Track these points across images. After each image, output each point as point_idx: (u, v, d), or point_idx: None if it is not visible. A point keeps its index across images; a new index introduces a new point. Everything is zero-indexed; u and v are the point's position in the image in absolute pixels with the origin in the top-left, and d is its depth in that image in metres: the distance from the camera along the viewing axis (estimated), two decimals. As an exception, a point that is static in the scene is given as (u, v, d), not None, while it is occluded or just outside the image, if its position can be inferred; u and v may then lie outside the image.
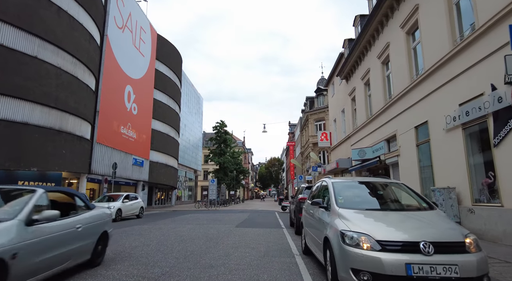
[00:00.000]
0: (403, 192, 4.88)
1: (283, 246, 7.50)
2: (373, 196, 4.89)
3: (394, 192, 4.95)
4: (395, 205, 4.68)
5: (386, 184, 5.14)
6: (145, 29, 31.02)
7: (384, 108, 14.13)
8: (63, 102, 17.56)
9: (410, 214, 4.14)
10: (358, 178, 5.62)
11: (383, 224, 3.78)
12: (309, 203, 6.24)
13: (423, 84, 10.63)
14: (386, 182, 5.20)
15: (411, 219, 3.94)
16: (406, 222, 3.81)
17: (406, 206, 4.58)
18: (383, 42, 14.36)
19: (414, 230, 3.54)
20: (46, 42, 16.46)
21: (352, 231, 3.62)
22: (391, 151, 13.91)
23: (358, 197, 4.79)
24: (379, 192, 5.00)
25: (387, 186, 5.11)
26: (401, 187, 4.99)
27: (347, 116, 20.83)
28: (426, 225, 3.72)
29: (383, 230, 3.60)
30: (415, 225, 3.71)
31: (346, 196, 4.69)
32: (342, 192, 4.78)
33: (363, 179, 5.47)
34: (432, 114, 10.00)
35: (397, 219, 3.91)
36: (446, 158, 9.20)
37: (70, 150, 18.27)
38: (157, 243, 7.95)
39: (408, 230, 3.56)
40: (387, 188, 5.08)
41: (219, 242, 7.99)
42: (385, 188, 5.08)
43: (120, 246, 7.39)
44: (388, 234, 3.49)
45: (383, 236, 3.45)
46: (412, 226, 3.70)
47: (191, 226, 12.15)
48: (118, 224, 14.14)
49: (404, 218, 3.98)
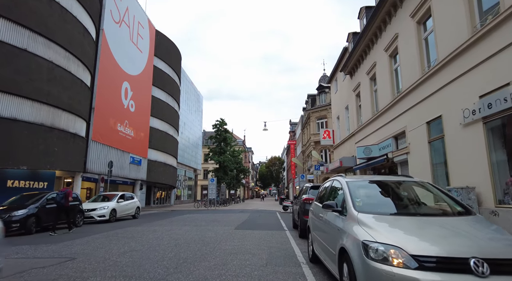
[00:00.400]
0: (431, 193, 4.14)
1: (287, 252, 6.77)
2: (397, 198, 4.16)
3: (420, 193, 4.21)
4: (424, 209, 3.94)
5: (409, 184, 4.40)
6: (143, 25, 30.26)
7: (392, 103, 13.39)
8: (55, 98, 16.81)
9: (447, 221, 3.40)
10: (375, 177, 4.86)
11: (415, 233, 3.05)
12: (318, 205, 5.53)
13: (436, 76, 9.88)
14: (409, 181, 4.45)
15: (449, 227, 3.19)
16: (444, 231, 3.08)
17: (437, 211, 3.84)
18: (391, 33, 13.61)
19: (457, 242, 2.80)
20: (36, 34, 15.69)
21: (377, 242, 2.89)
22: (400, 148, 13.16)
23: (378, 199, 4.07)
24: (403, 193, 4.27)
25: (410, 186, 4.36)
26: (427, 187, 4.25)
27: (351, 113, 20.08)
28: (471, 236, 2.98)
29: (418, 241, 2.86)
30: (457, 235, 2.97)
31: (364, 198, 3.97)
32: (359, 193, 4.06)
33: (381, 178, 4.73)
34: (447, 108, 9.26)
35: (432, 227, 3.17)
36: (464, 155, 8.47)
37: (63, 148, 17.53)
38: (148, 248, 7.23)
39: (450, 241, 2.82)
40: (411, 188, 4.34)
41: (216, 248, 7.26)
42: (409, 189, 4.34)
43: (107, 253, 6.67)
44: (425, 247, 2.75)
45: (419, 249, 2.72)
46: (454, 236, 2.96)
47: (188, 228, 11.43)
48: (111, 225, 13.45)
49: (440, 225, 3.23)
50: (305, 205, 8.78)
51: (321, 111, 35.15)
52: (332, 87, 26.27)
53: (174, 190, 40.59)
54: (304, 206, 8.82)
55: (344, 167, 20.38)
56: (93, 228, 12.04)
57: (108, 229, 11.66)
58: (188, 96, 47.26)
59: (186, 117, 45.40)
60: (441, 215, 3.68)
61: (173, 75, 36.43)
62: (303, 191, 10.48)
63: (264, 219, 16.17)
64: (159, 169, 32.56)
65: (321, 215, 4.82)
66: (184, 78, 43.72)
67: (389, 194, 4.20)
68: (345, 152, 21.18)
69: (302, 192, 10.29)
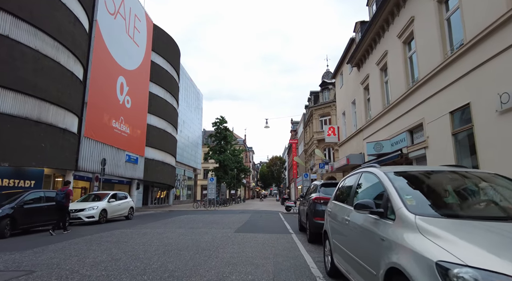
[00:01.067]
0: (506, 189, 2.97)
1: (297, 262, 5.60)
2: (465, 195, 2.99)
3: (493, 189, 3.03)
4: (507, 210, 2.76)
5: (476, 175, 3.22)
6: (140, 18, 29.11)
7: (406, 94, 12.23)
8: (42, 90, 15.63)
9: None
10: (421, 167, 3.65)
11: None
12: (338, 205, 4.37)
13: (463, 59, 8.70)
14: (472, 172, 3.28)
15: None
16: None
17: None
18: (405, 17, 12.45)
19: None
20: (20, 20, 14.48)
21: (467, 266, 1.74)
22: (415, 143, 12.00)
23: (437, 196, 2.89)
24: (470, 187, 3.08)
25: (478, 179, 3.18)
26: (499, 180, 3.08)
27: (359, 108, 18.91)
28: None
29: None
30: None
31: (416, 196, 2.80)
32: (407, 189, 2.89)
33: (432, 168, 3.56)
34: (478, 93, 8.08)
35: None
36: (501, 147, 7.29)
37: (51, 144, 16.36)
38: (131, 256, 6.07)
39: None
40: (479, 181, 3.15)
41: (212, 256, 6.10)
42: (477, 182, 3.15)
43: (78, 263, 5.51)
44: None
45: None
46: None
47: (182, 231, 10.27)
48: (100, 227, 12.30)
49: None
50: (316, 205, 7.61)
51: (324, 108, 33.96)
52: (337, 82, 25.09)
53: (173, 190, 39.40)
54: (314, 206, 7.64)
55: (351, 165, 19.20)
56: (78, 231, 10.89)
57: (93, 232, 10.51)
58: (187, 93, 46.09)
59: (185, 115, 44.23)
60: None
61: (171, 71, 35.26)
62: (311, 189, 9.29)
63: (266, 221, 15.01)
64: (157, 168, 31.40)
65: (347, 218, 3.66)
66: (183, 75, 42.55)
67: (452, 190, 3.02)
68: (352, 149, 20.02)
69: (311, 191, 9.10)
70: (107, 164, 21.79)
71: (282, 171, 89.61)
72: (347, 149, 21.61)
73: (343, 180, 4.90)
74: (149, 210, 28.09)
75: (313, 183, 9.59)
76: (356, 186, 3.94)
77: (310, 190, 9.45)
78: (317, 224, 7.44)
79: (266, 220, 15.50)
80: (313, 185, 9.39)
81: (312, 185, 9.59)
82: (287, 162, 76.79)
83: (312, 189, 9.08)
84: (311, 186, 9.87)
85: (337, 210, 4.38)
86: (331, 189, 8.01)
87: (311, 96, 38.99)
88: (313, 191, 8.70)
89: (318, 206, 7.54)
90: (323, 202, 7.52)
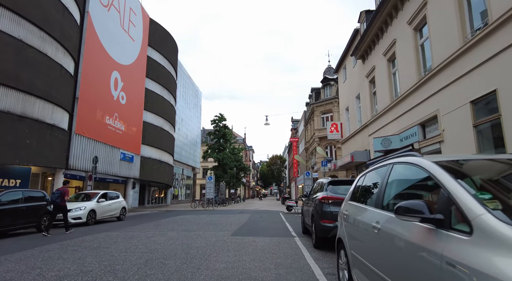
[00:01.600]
0: None
1: (303, 275, 4.64)
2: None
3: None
4: None
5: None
6: (136, 11, 28.10)
7: (418, 84, 11.26)
8: (26, 83, 14.64)
9: None
10: (481, 156, 2.63)
11: None
12: (358, 207, 3.42)
13: (487, 42, 7.73)
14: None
15: None
16: None
17: None
18: (416, 2, 11.48)
19: None
20: (2, 7, 13.50)
21: None
22: (428, 137, 11.03)
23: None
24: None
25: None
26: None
27: (364, 102, 17.94)
28: None
29: None
30: None
31: (497, 196, 1.83)
32: (477, 186, 1.93)
33: (495, 156, 2.60)
34: (506, 79, 7.12)
35: None
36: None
37: (38, 140, 15.39)
38: (105, 267, 5.10)
39: None
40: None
41: (201, 267, 5.13)
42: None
43: (38, 277, 4.54)
44: None
45: None
46: None
47: (173, 234, 9.30)
48: (86, 229, 11.33)
49: None
50: (323, 206, 6.63)
51: (326, 105, 32.96)
52: (340, 76, 24.10)
53: (170, 189, 38.42)
54: (321, 207, 6.66)
55: (356, 163, 18.27)
56: (60, 234, 9.92)
57: (76, 235, 9.55)
58: (186, 91, 45.07)
59: (183, 113, 43.22)
60: None
61: (168, 67, 34.24)
62: (317, 188, 8.30)
63: (266, 222, 14.04)
64: (154, 166, 30.43)
65: (376, 226, 2.69)
66: (181, 72, 41.54)
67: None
68: (356, 146, 19.05)
69: (316, 189, 8.11)
70: (101, 163, 20.87)
71: (283, 170, 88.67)
72: (351, 146, 20.65)
73: (362, 175, 3.94)
74: (145, 210, 27.12)
75: (319, 181, 8.60)
76: (386, 183, 2.97)
77: (315, 188, 8.47)
78: (324, 227, 6.49)
79: (266, 221, 14.55)
80: (318, 184, 8.41)
81: (318, 183, 8.61)
82: (287, 161, 75.81)
83: (318, 187, 8.10)
84: (316, 184, 8.89)
85: (357, 213, 3.42)
86: (340, 187, 7.05)
87: (312, 92, 37.99)
88: (319, 190, 7.72)
89: (325, 206, 6.58)
90: (331, 203, 6.55)
